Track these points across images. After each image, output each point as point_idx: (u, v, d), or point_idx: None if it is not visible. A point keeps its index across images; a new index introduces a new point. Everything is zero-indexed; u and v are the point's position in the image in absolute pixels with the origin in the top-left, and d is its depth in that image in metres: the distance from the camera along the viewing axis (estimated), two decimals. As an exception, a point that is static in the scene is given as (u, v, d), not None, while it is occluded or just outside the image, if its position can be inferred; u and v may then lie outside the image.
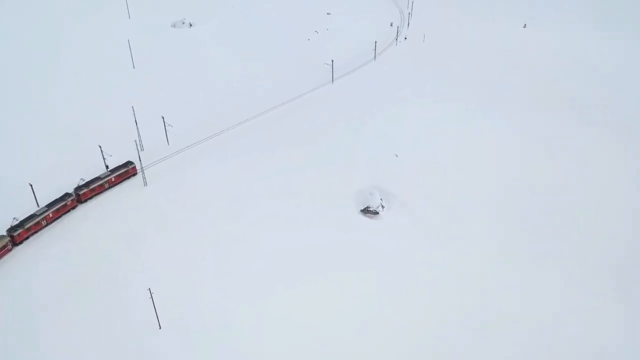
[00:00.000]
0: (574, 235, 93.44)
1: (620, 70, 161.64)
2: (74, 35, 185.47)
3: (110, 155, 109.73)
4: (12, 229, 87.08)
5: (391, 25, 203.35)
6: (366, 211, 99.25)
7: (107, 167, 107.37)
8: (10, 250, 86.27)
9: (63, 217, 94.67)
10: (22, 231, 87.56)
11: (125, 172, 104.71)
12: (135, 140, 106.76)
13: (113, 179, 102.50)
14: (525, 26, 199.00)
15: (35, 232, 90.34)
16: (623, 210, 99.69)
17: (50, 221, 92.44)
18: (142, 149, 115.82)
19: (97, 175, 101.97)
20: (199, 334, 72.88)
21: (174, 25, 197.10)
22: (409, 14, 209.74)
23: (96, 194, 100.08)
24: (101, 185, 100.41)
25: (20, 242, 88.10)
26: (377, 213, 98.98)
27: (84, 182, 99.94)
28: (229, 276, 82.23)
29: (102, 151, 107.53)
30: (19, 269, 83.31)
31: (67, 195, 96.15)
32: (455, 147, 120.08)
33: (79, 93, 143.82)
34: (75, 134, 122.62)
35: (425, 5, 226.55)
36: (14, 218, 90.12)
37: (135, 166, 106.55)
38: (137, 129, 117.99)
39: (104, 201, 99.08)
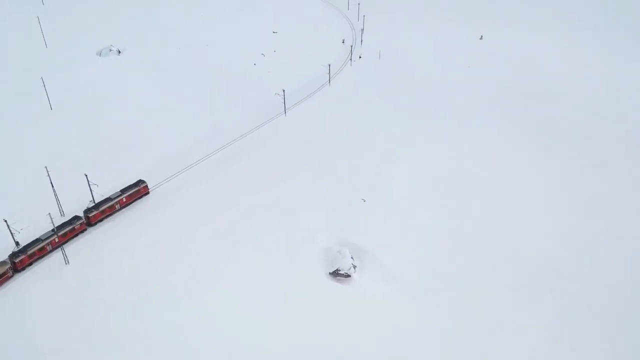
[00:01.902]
0: (572, 284, 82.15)
1: (582, 82, 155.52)
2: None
3: (19, 231, 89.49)
4: (13, 255, 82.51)
5: (343, 42, 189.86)
6: (336, 274, 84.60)
7: (16, 243, 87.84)
8: (10, 277, 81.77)
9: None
10: (25, 257, 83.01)
11: (137, 191, 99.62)
12: (49, 213, 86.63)
13: (124, 199, 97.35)
14: (481, 38, 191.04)
15: (40, 257, 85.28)
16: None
17: (56, 246, 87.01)
18: (63, 214, 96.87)
19: (108, 196, 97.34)
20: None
21: (99, 54, 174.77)
22: (362, 30, 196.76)
23: (107, 216, 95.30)
24: (112, 206, 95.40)
25: (23, 269, 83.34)
26: (349, 276, 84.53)
27: (93, 204, 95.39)
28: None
29: (8, 225, 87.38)
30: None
31: (75, 218, 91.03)
32: (431, 185, 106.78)
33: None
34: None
35: (375, 19, 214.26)
36: (17, 242, 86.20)
37: (147, 185, 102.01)
38: (54, 191, 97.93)
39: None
